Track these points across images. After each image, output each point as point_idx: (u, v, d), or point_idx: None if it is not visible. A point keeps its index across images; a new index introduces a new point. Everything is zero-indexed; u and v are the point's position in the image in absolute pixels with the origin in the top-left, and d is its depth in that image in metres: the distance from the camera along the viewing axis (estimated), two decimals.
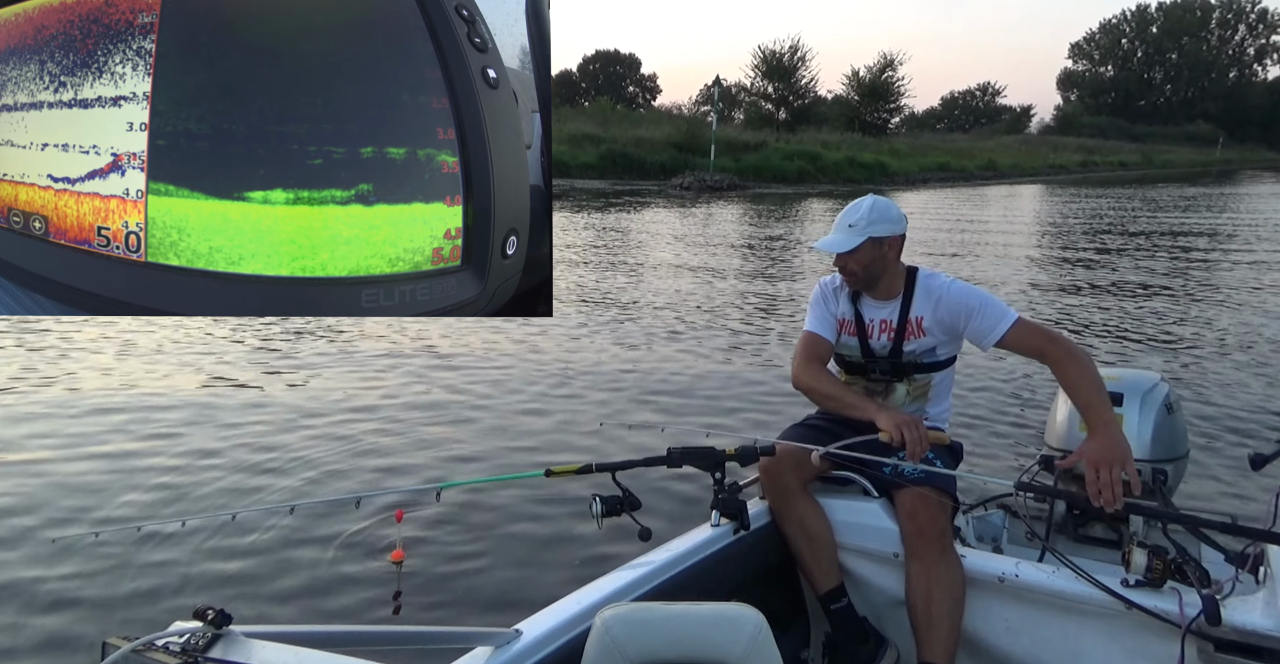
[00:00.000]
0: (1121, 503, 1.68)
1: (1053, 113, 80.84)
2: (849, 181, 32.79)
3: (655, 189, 27.78)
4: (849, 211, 2.12)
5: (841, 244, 2.07)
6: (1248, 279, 10.69)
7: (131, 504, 3.60)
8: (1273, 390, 5.68)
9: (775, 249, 13.37)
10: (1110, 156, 58.03)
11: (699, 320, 7.73)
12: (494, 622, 1.73)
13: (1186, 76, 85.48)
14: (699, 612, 1.22)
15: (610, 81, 71.60)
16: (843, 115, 46.33)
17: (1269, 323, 7.96)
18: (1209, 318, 8.15)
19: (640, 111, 50.85)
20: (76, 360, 5.77)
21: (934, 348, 2.15)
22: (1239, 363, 6.41)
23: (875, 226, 2.07)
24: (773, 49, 43.55)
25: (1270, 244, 14.99)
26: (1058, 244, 14.84)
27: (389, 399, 5.15)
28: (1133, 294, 9.52)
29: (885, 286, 2.15)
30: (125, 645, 1.15)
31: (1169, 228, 18.01)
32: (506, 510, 3.56)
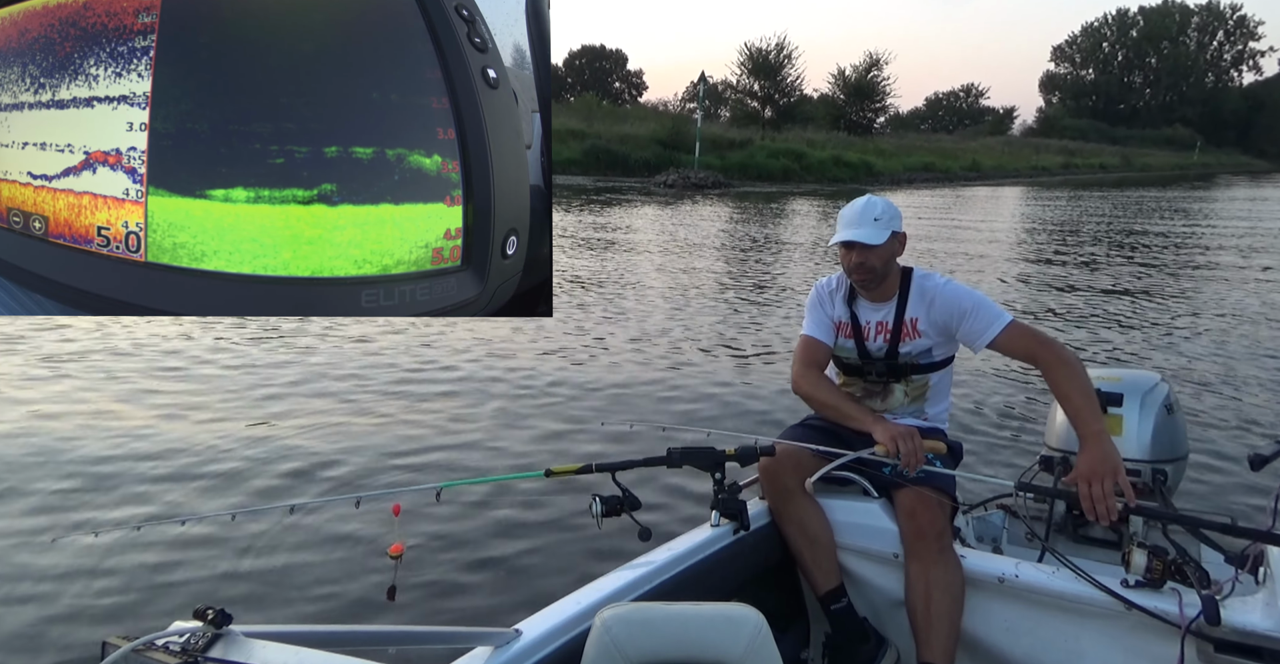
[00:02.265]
0: (1116, 515, 1.70)
1: (1035, 115, 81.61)
2: (834, 181, 32.87)
3: (638, 186, 27.66)
4: (868, 207, 2.10)
5: (875, 236, 2.05)
6: (1247, 280, 10.81)
7: (131, 504, 3.59)
8: (1272, 390, 5.73)
9: (769, 248, 13.40)
10: (1091, 159, 58.64)
11: (698, 320, 7.75)
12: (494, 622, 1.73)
13: (1165, 81, 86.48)
14: (699, 612, 1.22)
15: (596, 77, 71.42)
16: (828, 114, 46.46)
17: (1269, 323, 8.06)
18: (1209, 318, 8.24)
19: (626, 108, 50.76)
20: (75, 360, 5.71)
21: (930, 349, 2.15)
22: (1239, 363, 6.48)
23: (895, 221, 2.09)
24: (759, 46, 43.67)
25: (1266, 246, 15.18)
26: (1051, 244, 14.92)
27: (388, 399, 5.13)
28: (1131, 295, 9.61)
29: (884, 288, 2.15)
30: (125, 645, 1.15)
31: (1163, 230, 18.17)
32: (506, 510, 3.55)
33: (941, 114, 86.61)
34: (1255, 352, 6.90)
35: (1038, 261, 12.51)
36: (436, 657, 1.38)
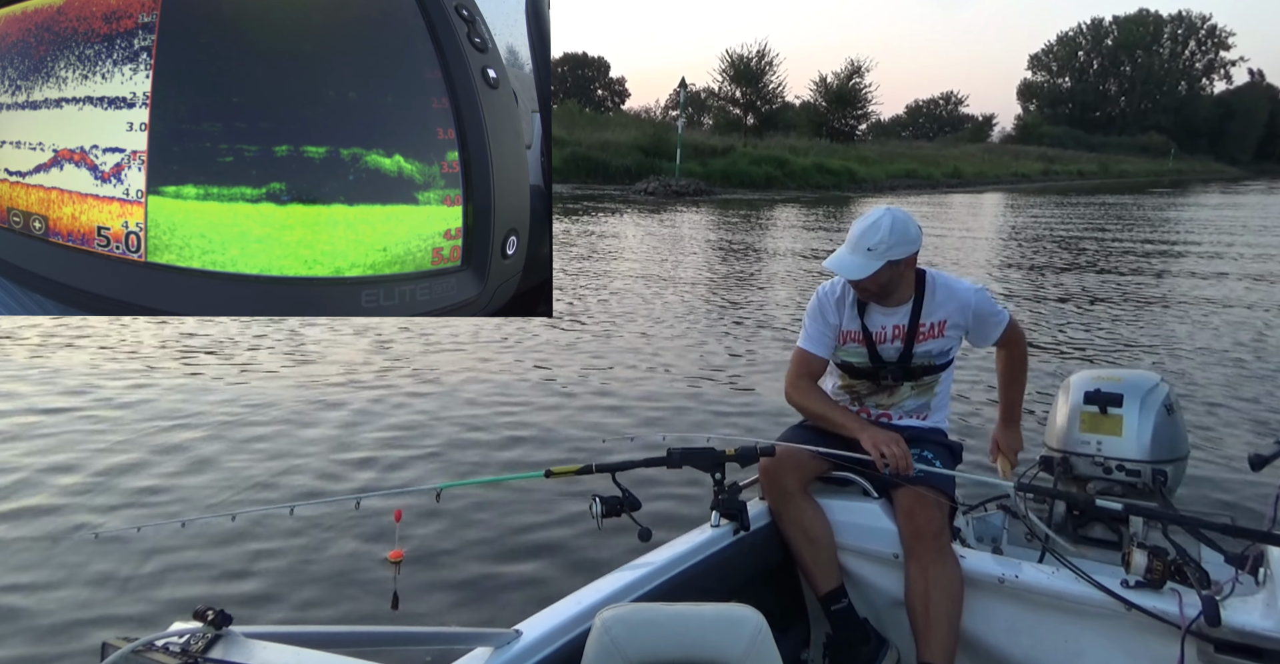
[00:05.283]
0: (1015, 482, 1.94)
1: (1014, 122, 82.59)
2: (817, 188, 32.91)
3: (618, 194, 27.50)
4: (868, 232, 1.99)
5: (859, 270, 1.97)
6: (1246, 281, 10.94)
7: (131, 505, 3.56)
8: (1272, 390, 5.77)
9: (751, 255, 13.45)
10: (1070, 165, 59.41)
11: (697, 320, 7.79)
12: (494, 622, 1.72)
13: (1140, 89, 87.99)
14: (699, 612, 1.23)
15: (579, 84, 71.60)
16: (811, 121, 46.72)
17: (1268, 323, 8.14)
18: (1209, 318, 8.32)
19: (609, 115, 50.84)
20: (73, 360, 5.66)
21: (948, 349, 2.16)
22: (1238, 363, 6.53)
23: (894, 250, 1.98)
24: (740, 53, 43.93)
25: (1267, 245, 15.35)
26: (1043, 250, 15.01)
27: (388, 399, 5.12)
28: (1130, 295, 9.69)
29: (897, 295, 2.11)
30: (125, 646, 1.14)
31: (1156, 234, 18.35)
32: (506, 511, 3.54)
33: (922, 121, 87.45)
34: (1255, 351, 6.96)
35: (1035, 267, 12.57)
36: (436, 657, 1.38)
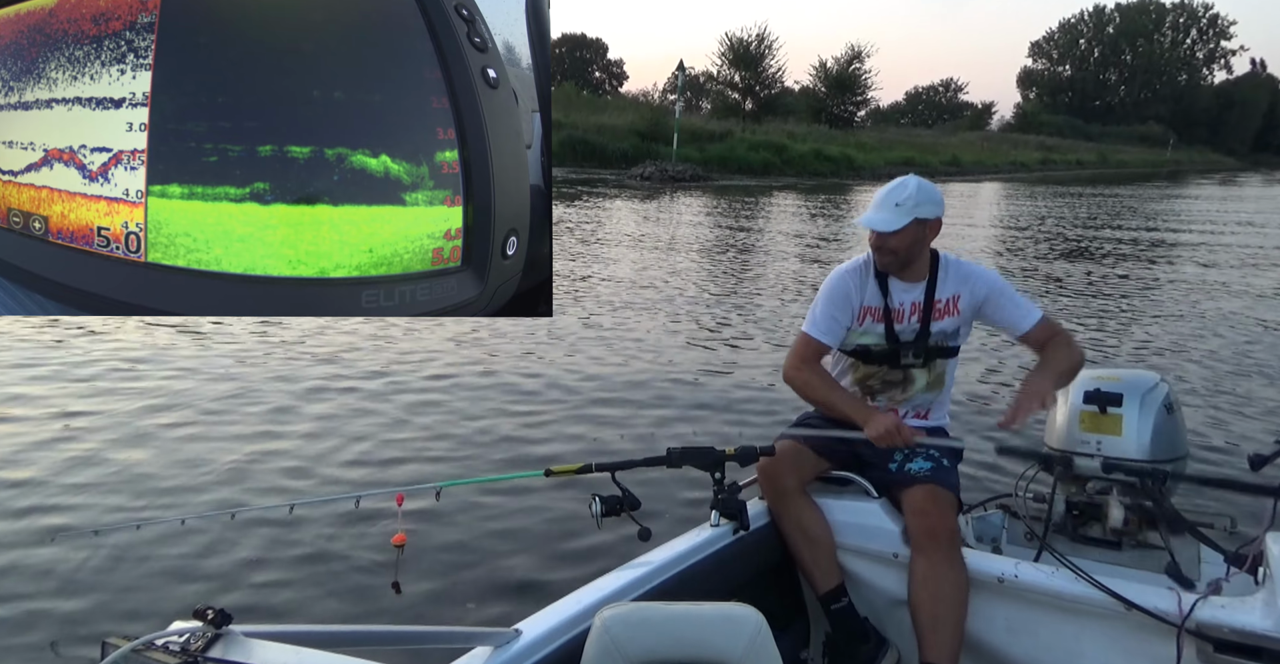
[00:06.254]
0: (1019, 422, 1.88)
1: (1013, 110, 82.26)
2: (815, 175, 32.54)
3: (613, 178, 27.06)
4: (895, 189, 2.05)
5: (888, 223, 2.02)
6: (1246, 281, 10.92)
7: (130, 503, 3.55)
8: (1272, 390, 5.79)
9: (751, 243, 13.41)
10: (1068, 155, 59.17)
11: (696, 320, 7.74)
12: (494, 621, 1.73)
13: (1140, 78, 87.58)
14: (699, 612, 1.24)
15: (576, 66, 71.03)
16: (810, 107, 46.39)
17: (1267, 324, 8.14)
18: (1208, 319, 8.31)
19: (607, 98, 50.47)
20: (72, 360, 5.62)
21: (958, 329, 2.17)
22: (1239, 363, 6.54)
23: (922, 208, 2.03)
24: (740, 37, 43.56)
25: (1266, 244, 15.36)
26: (1047, 240, 14.99)
27: (388, 399, 5.10)
28: (1129, 294, 9.68)
29: (916, 269, 2.13)
30: (125, 645, 1.15)
31: (1156, 227, 18.28)
32: (506, 510, 3.54)
33: (921, 108, 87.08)
34: (1255, 351, 6.97)
35: (1035, 263, 12.53)
36: (436, 657, 1.38)
